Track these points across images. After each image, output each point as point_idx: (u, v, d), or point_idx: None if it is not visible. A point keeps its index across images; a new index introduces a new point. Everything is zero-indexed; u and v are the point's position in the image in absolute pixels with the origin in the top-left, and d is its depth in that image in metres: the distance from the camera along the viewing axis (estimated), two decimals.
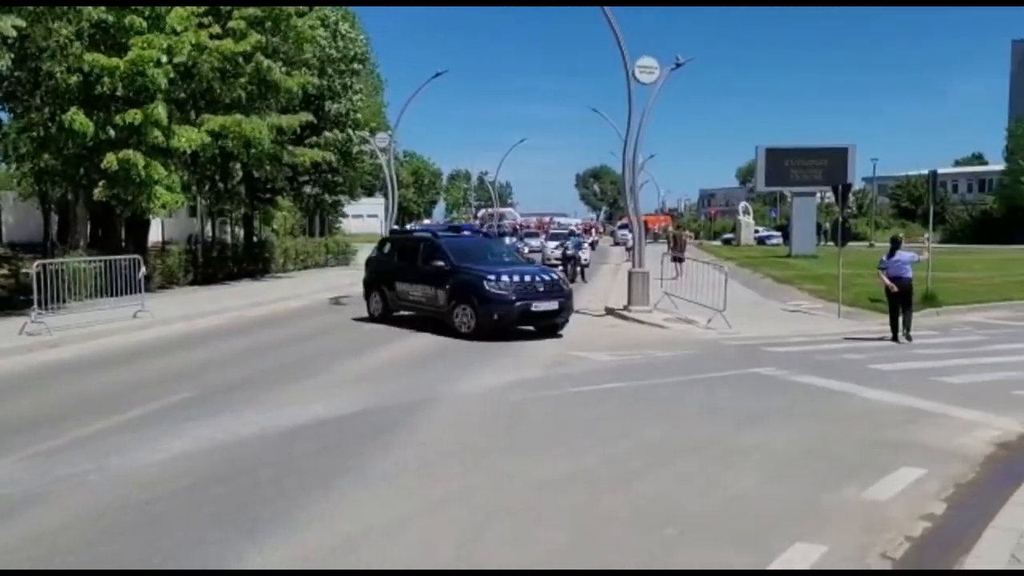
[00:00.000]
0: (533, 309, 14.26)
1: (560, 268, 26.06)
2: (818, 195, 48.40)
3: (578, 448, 7.46)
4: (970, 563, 4.74)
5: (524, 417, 8.76)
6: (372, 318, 16.66)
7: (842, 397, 9.79)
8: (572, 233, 33.94)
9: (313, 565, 4.89)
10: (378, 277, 16.97)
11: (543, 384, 10.51)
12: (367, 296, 17.19)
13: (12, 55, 10.98)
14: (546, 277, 14.92)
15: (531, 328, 14.58)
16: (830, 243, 44.91)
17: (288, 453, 7.23)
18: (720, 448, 7.53)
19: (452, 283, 14.67)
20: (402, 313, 16.44)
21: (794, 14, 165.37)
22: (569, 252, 28.71)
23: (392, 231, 24.39)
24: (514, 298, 14.11)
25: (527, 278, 14.53)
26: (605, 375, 11.15)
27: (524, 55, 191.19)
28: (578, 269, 28.32)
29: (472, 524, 5.56)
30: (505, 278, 14.28)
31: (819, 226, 48.86)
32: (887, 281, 14.38)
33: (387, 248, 17.55)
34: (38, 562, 4.87)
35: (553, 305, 14.53)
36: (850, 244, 21.52)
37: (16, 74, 15.54)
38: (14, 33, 10.47)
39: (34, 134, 18.01)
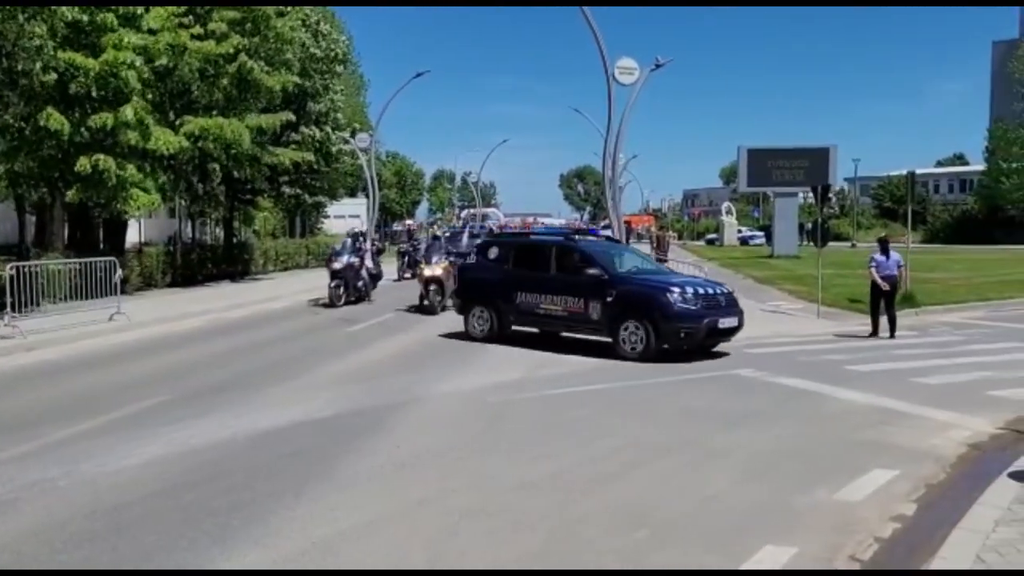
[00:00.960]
0: (720, 326, 12.42)
1: None
2: (800, 195, 48.73)
3: (555, 450, 7.46)
4: (936, 564, 4.76)
5: (503, 419, 8.75)
6: (472, 336, 14.24)
7: (819, 398, 9.84)
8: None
9: (285, 568, 4.86)
10: (484, 288, 14.37)
11: (523, 386, 10.50)
12: (464, 311, 14.63)
13: None
14: (724, 289, 13.08)
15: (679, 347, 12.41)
16: (812, 243, 45.33)
17: (262, 457, 7.18)
18: (697, 450, 7.55)
19: (616, 296, 12.50)
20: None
21: (776, 14, 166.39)
22: None
23: (492, 234, 22.99)
24: (703, 314, 12.24)
25: (709, 290, 12.71)
26: (585, 377, 11.16)
27: (507, 56, 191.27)
28: None
29: (446, 526, 5.54)
30: (690, 290, 12.37)
31: (801, 226, 49.21)
32: (879, 279, 14.66)
33: (494, 253, 14.82)
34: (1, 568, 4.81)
35: (734, 321, 12.75)
36: (832, 244, 21.77)
37: None
38: None
39: (8, 135, 17.82)
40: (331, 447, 7.49)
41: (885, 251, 14.93)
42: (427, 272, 18.02)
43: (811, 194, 25.16)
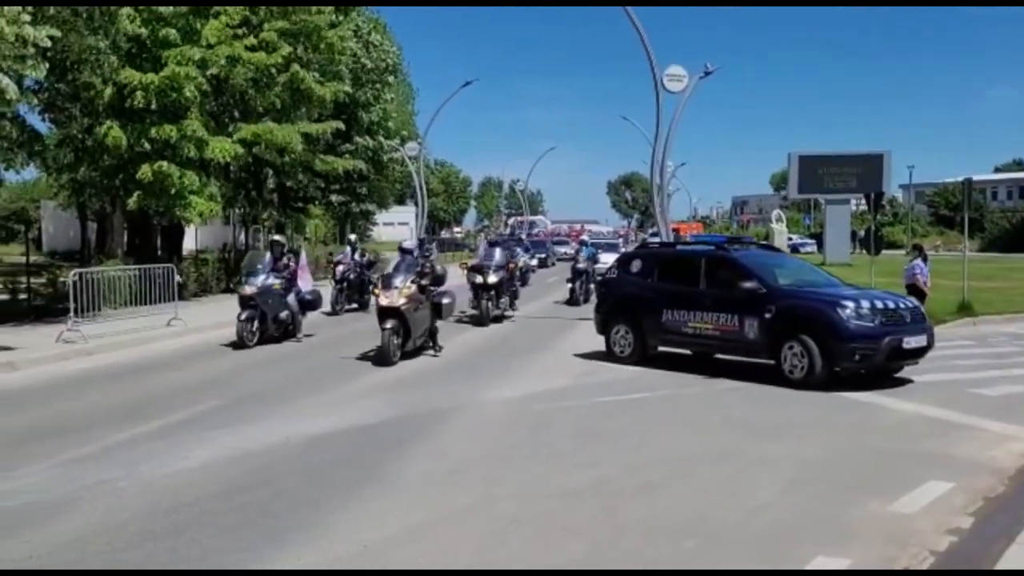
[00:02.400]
0: (905, 346, 10.76)
1: (569, 287, 22.76)
2: (853, 202, 47.91)
3: (601, 458, 7.47)
4: None
5: (548, 426, 8.78)
6: (616, 357, 12.93)
7: (871, 408, 9.69)
8: (584, 243, 25.24)
9: (331, 570, 4.96)
10: (626, 304, 13.10)
11: (568, 394, 10.51)
12: (605, 330, 13.29)
13: (47, 65, 11.22)
14: (909, 303, 11.65)
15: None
16: (865, 251, 44.45)
17: (312, 461, 7.32)
18: (743, 459, 7.50)
19: (776, 312, 11.05)
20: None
21: (829, 16, 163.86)
22: (580, 266, 23.05)
23: (645, 243, 20.34)
24: (882, 332, 10.67)
25: (889, 304, 11.08)
26: (631, 385, 11.13)
27: (553, 63, 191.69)
28: (591, 287, 21.56)
29: (493, 533, 5.59)
30: (867, 304, 10.84)
31: (854, 234, 48.36)
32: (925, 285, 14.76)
33: (636, 266, 13.47)
34: (66, 564, 4.98)
35: (922, 340, 11.04)
36: (885, 252, 21.32)
37: (57, 85, 15.91)
38: (48, 43, 10.72)
39: (72, 146, 18.44)
40: (379, 453, 7.60)
41: (924, 256, 15.06)
42: (383, 300, 12.39)
43: (864, 201, 24.81)
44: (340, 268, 19.90)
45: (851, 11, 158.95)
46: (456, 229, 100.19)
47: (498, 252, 18.47)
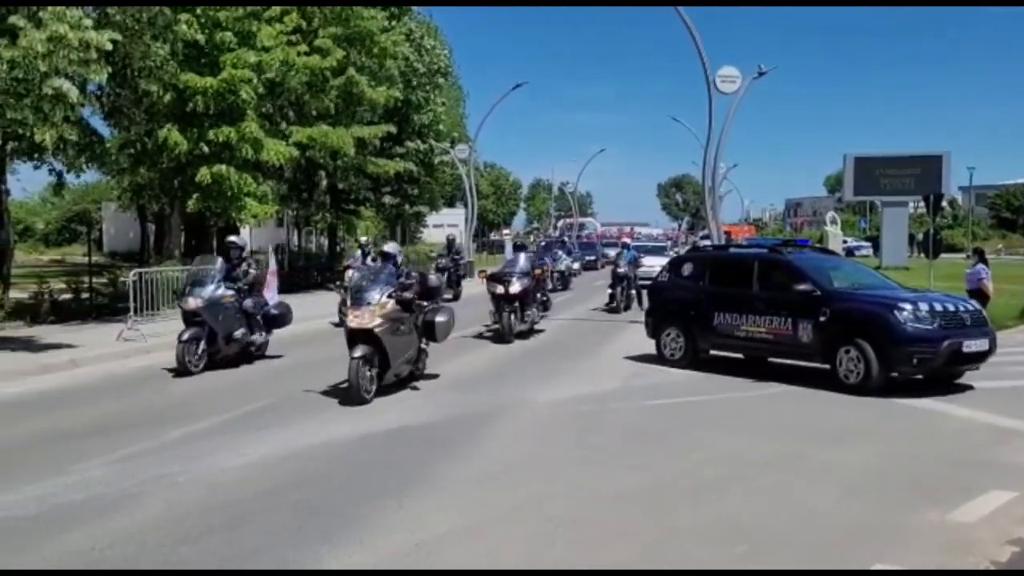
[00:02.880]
0: (966, 350, 10.46)
1: (609, 293, 21.41)
2: (911, 205, 46.83)
3: (651, 461, 7.42)
4: None
5: (597, 429, 8.75)
6: (666, 360, 12.85)
7: (928, 414, 9.47)
8: (626, 246, 23.18)
9: (386, 569, 5.01)
10: (677, 308, 12.99)
11: (618, 396, 10.48)
12: (656, 333, 13.25)
13: (111, 69, 11.55)
14: (970, 305, 11.34)
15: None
16: (922, 254, 43.44)
17: (362, 460, 7.41)
18: (796, 464, 7.38)
19: (831, 315, 10.86)
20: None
21: (884, 17, 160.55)
22: (621, 270, 21.26)
23: (696, 247, 18.99)
24: (941, 335, 10.39)
25: (949, 307, 10.80)
26: (682, 388, 11.04)
27: (602, 64, 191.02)
28: (632, 293, 21.18)
29: (543, 534, 5.59)
30: (924, 306, 10.55)
31: (911, 237, 47.30)
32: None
33: (688, 269, 13.45)
34: (128, 560, 5.12)
35: (984, 344, 10.71)
36: (944, 256, 20.84)
37: (119, 91, 16.36)
38: (110, 47, 11.02)
39: (133, 149, 18.94)
40: (427, 453, 7.65)
41: (985, 260, 14.80)
42: (352, 321, 10.05)
43: (922, 203, 24.16)
44: (350, 273, 16.72)
45: (908, 10, 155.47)
46: (505, 231, 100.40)
47: (522, 257, 16.43)
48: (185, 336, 11.63)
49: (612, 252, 44.50)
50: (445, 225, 73.63)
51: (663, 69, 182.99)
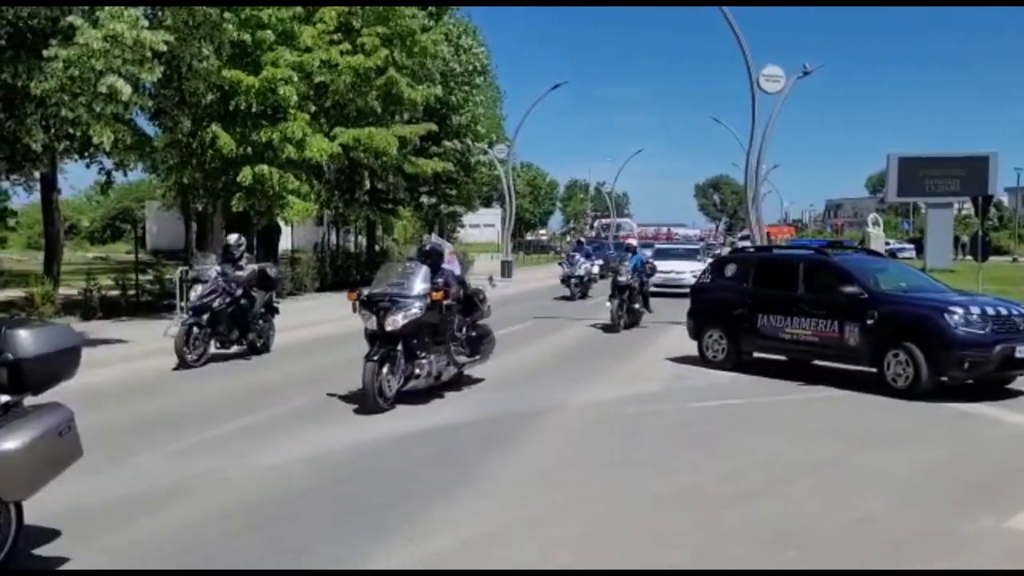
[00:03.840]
0: (1018, 355, 10.18)
1: (607, 307, 17.27)
2: (955, 206, 45.97)
3: (695, 464, 7.37)
4: None
5: (640, 431, 8.71)
6: (709, 362, 12.76)
7: (980, 419, 9.29)
8: (631, 249, 18.99)
9: (437, 567, 5.04)
10: (720, 309, 12.89)
11: (660, 398, 10.42)
12: (698, 335, 13.17)
13: (164, 68, 11.77)
14: (1022, 310, 10.96)
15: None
16: (967, 257, 42.59)
17: (407, 458, 7.45)
18: (842, 469, 7.29)
19: (878, 318, 10.71)
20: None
21: (924, 16, 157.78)
22: (622, 279, 17.25)
23: (736, 249, 17.41)
24: (994, 339, 10.17)
25: (1001, 310, 10.61)
26: (724, 390, 10.95)
27: (639, 64, 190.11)
28: (636, 307, 17.65)
29: (591, 535, 5.59)
30: (976, 310, 10.38)
31: (956, 239, 46.47)
32: None
33: (731, 270, 13.37)
34: (185, 550, 5.20)
35: None
36: (992, 258, 20.41)
37: (163, 91, 16.66)
38: (164, 48, 11.24)
39: (178, 149, 19.26)
40: (471, 452, 7.66)
41: None
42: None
43: (967, 205, 23.75)
44: (198, 291, 12.46)
45: (952, 9, 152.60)
46: (541, 232, 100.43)
47: (421, 273, 9.91)
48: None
49: (649, 253, 44.35)
50: (482, 225, 73.99)
51: (701, 70, 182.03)
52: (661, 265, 22.50)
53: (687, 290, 15.76)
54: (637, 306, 17.61)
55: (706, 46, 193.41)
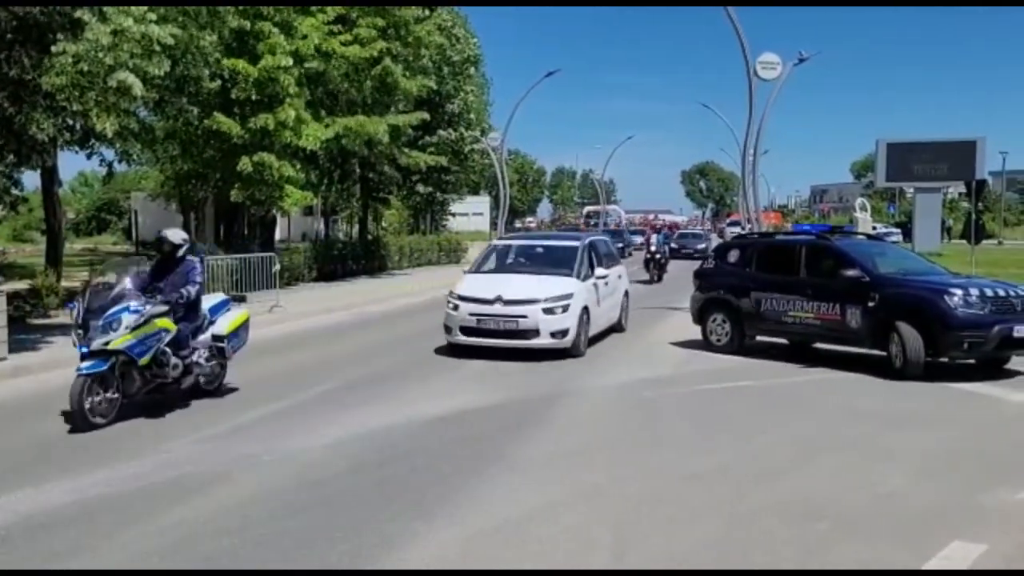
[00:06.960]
0: (1016, 335, 10.42)
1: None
2: (942, 190, 46.33)
3: (717, 444, 7.57)
4: None
5: (659, 413, 8.91)
6: (712, 346, 13.02)
7: (986, 399, 9.55)
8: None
9: (481, 545, 5.20)
10: (723, 294, 13.15)
11: (674, 381, 10.62)
12: (701, 319, 13.40)
13: (170, 62, 11.78)
14: (1019, 291, 11.04)
15: None
16: (955, 240, 42.99)
17: (438, 440, 7.61)
18: (862, 447, 7.50)
19: (879, 301, 10.93)
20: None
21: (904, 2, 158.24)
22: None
23: (739, 236, 16.85)
24: (992, 320, 10.42)
25: (1000, 291, 10.80)
26: (734, 373, 11.16)
27: (626, 51, 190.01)
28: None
29: (626, 512, 5.77)
30: (975, 291, 10.61)
31: (942, 222, 46.87)
32: None
33: (734, 255, 13.56)
34: (233, 530, 5.33)
35: None
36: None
37: (165, 82, 16.64)
38: (172, 41, 11.25)
39: (178, 139, 19.25)
40: (499, 434, 7.84)
41: None
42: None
43: (952, 189, 24.03)
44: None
45: None
46: (529, 220, 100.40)
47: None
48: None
49: (638, 239, 44.51)
50: (470, 214, 73.74)
51: (690, 57, 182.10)
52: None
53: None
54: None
55: (693, 32, 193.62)
